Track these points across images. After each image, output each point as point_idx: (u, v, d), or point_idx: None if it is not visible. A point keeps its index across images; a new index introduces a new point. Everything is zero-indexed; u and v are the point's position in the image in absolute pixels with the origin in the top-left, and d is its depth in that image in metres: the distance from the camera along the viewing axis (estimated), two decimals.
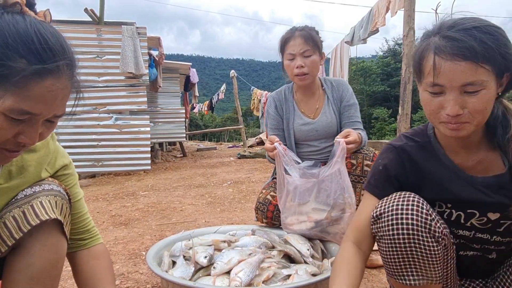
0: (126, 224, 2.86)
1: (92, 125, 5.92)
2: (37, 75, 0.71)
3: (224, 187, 4.51)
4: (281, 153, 1.69)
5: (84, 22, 6.05)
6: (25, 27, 0.72)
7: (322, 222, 1.66)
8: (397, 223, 0.98)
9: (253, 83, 30.41)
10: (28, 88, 0.71)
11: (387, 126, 35.18)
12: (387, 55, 43.94)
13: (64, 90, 0.78)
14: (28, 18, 0.75)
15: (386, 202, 1.03)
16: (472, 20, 0.89)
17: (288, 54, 1.91)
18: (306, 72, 1.88)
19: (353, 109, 1.99)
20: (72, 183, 1.11)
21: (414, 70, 1.00)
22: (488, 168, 1.02)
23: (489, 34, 0.87)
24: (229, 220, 2.89)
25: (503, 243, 1.06)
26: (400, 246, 0.98)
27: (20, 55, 0.70)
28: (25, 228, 0.90)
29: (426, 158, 1.07)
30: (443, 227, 0.99)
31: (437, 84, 0.90)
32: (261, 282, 1.36)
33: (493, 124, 0.99)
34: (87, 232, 1.15)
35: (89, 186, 5.08)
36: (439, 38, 0.90)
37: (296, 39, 1.89)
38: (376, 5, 5.07)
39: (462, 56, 0.85)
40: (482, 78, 0.86)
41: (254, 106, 13.33)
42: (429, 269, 0.99)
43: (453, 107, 0.89)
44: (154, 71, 7.33)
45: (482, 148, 1.02)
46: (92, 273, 1.11)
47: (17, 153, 0.82)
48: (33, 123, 0.77)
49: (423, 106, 0.98)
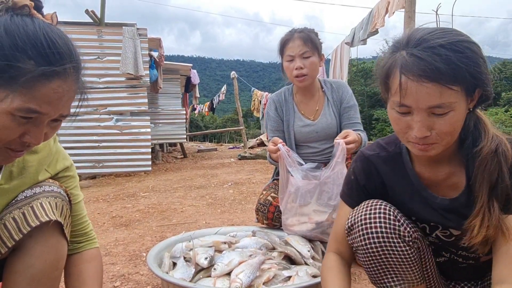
0: (126, 225, 2.86)
1: (93, 126, 5.93)
2: (44, 77, 0.73)
3: (224, 188, 4.51)
4: (284, 154, 1.69)
5: (85, 24, 6.06)
6: (34, 30, 0.74)
7: (323, 224, 1.66)
8: (367, 232, 0.99)
9: (254, 84, 30.42)
10: (36, 89, 0.73)
11: (387, 127, 35.16)
12: None
13: (70, 91, 0.80)
14: (36, 21, 0.76)
15: (357, 212, 1.04)
16: (440, 35, 0.83)
17: (287, 55, 1.91)
18: (305, 74, 1.89)
19: (353, 110, 2.00)
20: (72, 185, 1.12)
21: (380, 85, 0.93)
22: (456, 184, 0.98)
23: (458, 52, 0.81)
24: (230, 221, 2.89)
25: (470, 258, 1.05)
26: (374, 254, 0.99)
27: (28, 57, 0.72)
28: (25, 229, 0.90)
29: (393, 172, 1.05)
30: (413, 230, 0.99)
31: (404, 104, 0.85)
32: (261, 283, 1.35)
33: (465, 136, 0.93)
34: (85, 235, 1.15)
35: (89, 187, 5.08)
36: (406, 54, 0.84)
37: (295, 41, 1.89)
38: (376, 6, 5.07)
39: (428, 78, 0.80)
40: (449, 100, 0.81)
41: (254, 107, 13.32)
42: (408, 273, 1.00)
43: (420, 129, 0.85)
44: (154, 72, 7.34)
45: (453, 161, 0.98)
46: (80, 277, 1.10)
47: (21, 153, 0.83)
48: (39, 123, 0.78)
49: (391, 123, 0.94)
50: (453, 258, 1.08)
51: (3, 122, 0.74)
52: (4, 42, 0.71)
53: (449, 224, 0.99)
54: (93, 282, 1.10)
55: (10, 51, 0.71)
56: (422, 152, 0.90)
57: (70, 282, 1.10)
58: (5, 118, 0.74)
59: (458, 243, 1.02)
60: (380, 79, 0.93)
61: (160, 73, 7.75)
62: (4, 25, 0.73)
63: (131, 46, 5.87)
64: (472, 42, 0.84)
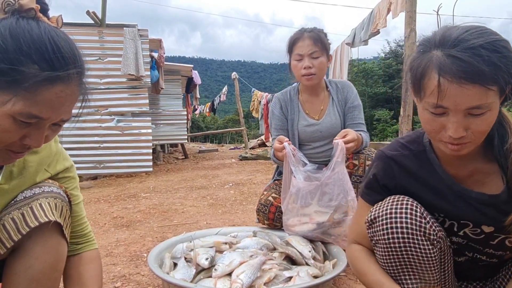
0: (127, 226, 2.86)
1: (94, 127, 5.93)
2: (47, 82, 0.73)
3: (225, 189, 4.51)
4: (289, 153, 1.68)
5: (86, 25, 6.08)
6: (39, 34, 0.74)
7: (324, 224, 1.66)
8: (391, 227, 0.97)
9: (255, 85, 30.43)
10: (38, 94, 0.73)
11: (389, 127, 35.12)
12: (389, 56, 43.90)
13: (72, 96, 0.80)
14: (42, 25, 0.76)
15: (381, 206, 1.03)
16: (478, 35, 0.81)
17: (296, 54, 1.92)
18: (314, 73, 1.90)
19: (357, 110, 2.00)
20: (72, 186, 1.12)
21: (413, 85, 0.91)
22: (483, 180, 0.98)
23: (497, 52, 0.80)
24: (231, 222, 2.89)
25: (495, 256, 1.04)
26: (396, 250, 0.98)
27: (32, 61, 0.72)
28: (24, 230, 0.90)
29: (420, 169, 1.05)
30: (438, 229, 0.99)
31: (441, 106, 0.84)
32: (262, 284, 1.35)
33: (491, 133, 0.92)
34: (84, 236, 1.15)
35: (91, 188, 5.08)
36: (443, 56, 0.82)
37: (305, 40, 1.90)
38: (377, 7, 5.07)
39: (469, 80, 0.79)
40: (488, 100, 0.81)
41: (253, 107, 13.30)
42: (426, 273, 0.98)
43: (457, 129, 0.84)
44: (155, 73, 7.35)
45: (478, 158, 0.98)
46: (79, 279, 1.10)
47: (21, 154, 0.83)
48: (40, 126, 0.79)
49: (422, 124, 0.94)
50: (475, 256, 1.07)
51: (4, 125, 0.74)
52: (8, 46, 0.71)
53: (483, 220, 0.98)
54: (93, 284, 1.10)
55: (14, 54, 0.71)
56: (455, 151, 0.90)
57: (70, 284, 1.10)
58: (6, 121, 0.74)
59: (488, 241, 1.01)
60: (412, 80, 0.92)
61: (161, 74, 7.76)
62: (9, 28, 0.73)
63: (132, 47, 5.87)
64: (506, 41, 0.84)
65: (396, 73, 39.48)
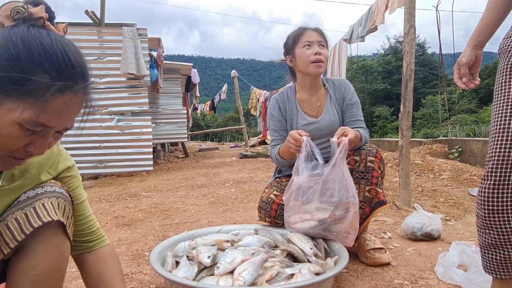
0: (129, 225, 2.87)
1: (94, 126, 5.93)
2: (58, 91, 0.74)
3: (226, 187, 4.52)
4: (308, 146, 1.67)
5: (85, 24, 6.07)
6: (50, 43, 0.75)
7: (326, 221, 1.66)
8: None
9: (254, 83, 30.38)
10: (48, 102, 0.74)
11: (389, 124, 35.12)
12: (388, 53, 43.85)
13: (79, 105, 0.81)
14: (53, 34, 0.77)
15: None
16: None
17: (304, 42, 1.93)
18: (323, 60, 1.92)
19: (355, 107, 2.01)
20: (75, 185, 1.12)
21: None
22: None
23: None
24: (232, 220, 2.89)
25: None
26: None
27: (44, 70, 0.72)
28: (28, 230, 0.90)
29: None
30: None
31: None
32: (264, 281, 1.36)
33: None
34: (92, 234, 1.15)
35: (92, 188, 5.09)
36: None
37: (312, 31, 1.96)
38: (376, 3, 5.05)
39: None
40: None
41: (252, 105, 13.29)
42: None
43: None
44: (155, 72, 7.34)
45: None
46: (100, 277, 1.11)
47: (22, 161, 0.84)
48: (45, 134, 0.79)
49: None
50: None
51: (11, 132, 0.74)
52: (20, 54, 0.72)
53: None
54: (117, 281, 1.12)
55: (26, 63, 0.71)
56: None
57: (92, 282, 1.11)
58: (14, 128, 0.74)
59: None
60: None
61: (161, 72, 7.75)
62: (21, 37, 0.73)
63: (131, 46, 5.87)
64: None
65: (395, 69, 39.44)
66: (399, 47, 39.71)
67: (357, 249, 1.97)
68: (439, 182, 4.40)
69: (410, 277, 1.72)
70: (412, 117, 3.28)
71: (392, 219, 2.81)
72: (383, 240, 2.30)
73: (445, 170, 4.93)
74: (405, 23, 3.22)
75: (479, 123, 23.33)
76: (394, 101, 38.17)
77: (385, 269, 1.81)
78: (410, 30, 3.17)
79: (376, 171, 1.82)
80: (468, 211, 3.11)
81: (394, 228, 2.56)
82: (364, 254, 1.88)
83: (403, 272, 1.78)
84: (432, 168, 5.12)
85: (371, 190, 1.83)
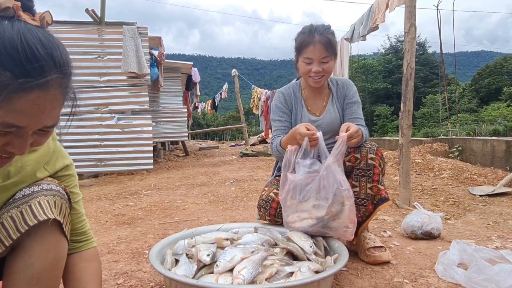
0: (129, 223, 2.87)
1: (95, 125, 5.94)
2: (22, 89, 0.66)
3: (226, 185, 4.52)
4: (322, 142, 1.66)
5: (85, 23, 6.06)
6: (11, 36, 0.66)
7: (324, 218, 1.66)
8: None
9: (255, 82, 30.38)
10: (12, 102, 0.66)
11: (389, 123, 35.11)
12: (389, 52, 43.80)
13: (54, 102, 0.72)
14: (16, 26, 0.67)
15: None
16: None
17: (305, 57, 1.89)
18: (322, 75, 1.91)
19: (356, 106, 2.03)
20: (72, 184, 1.11)
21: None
22: None
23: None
24: (232, 218, 2.89)
25: None
26: None
27: (3, 68, 0.64)
28: (23, 228, 0.89)
29: None
30: None
31: None
32: (264, 279, 1.36)
33: None
34: (84, 234, 1.15)
35: (92, 186, 5.09)
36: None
37: (316, 45, 1.85)
38: (377, 2, 5.05)
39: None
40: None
41: (253, 104, 13.28)
42: None
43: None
44: (155, 71, 7.34)
45: None
46: (81, 275, 1.10)
47: (9, 158, 0.79)
48: (20, 134, 0.72)
49: None
50: None
51: None
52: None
53: None
54: (94, 282, 1.11)
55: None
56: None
57: (71, 281, 1.10)
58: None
59: None
60: None
61: (161, 71, 7.75)
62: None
63: (132, 45, 5.87)
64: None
65: (396, 68, 39.40)
66: (400, 46, 39.67)
67: (357, 247, 1.97)
68: (439, 181, 4.40)
69: (410, 275, 1.72)
70: (412, 116, 3.28)
71: (392, 217, 2.81)
72: (383, 238, 2.30)
73: (445, 169, 4.92)
74: (406, 21, 3.21)
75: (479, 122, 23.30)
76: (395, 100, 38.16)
77: (385, 268, 1.81)
78: (410, 29, 3.17)
79: (377, 168, 1.82)
80: (468, 210, 3.11)
81: (394, 227, 2.56)
82: (364, 253, 1.88)
83: (403, 270, 1.78)
84: (432, 167, 5.11)
85: (373, 187, 1.83)
